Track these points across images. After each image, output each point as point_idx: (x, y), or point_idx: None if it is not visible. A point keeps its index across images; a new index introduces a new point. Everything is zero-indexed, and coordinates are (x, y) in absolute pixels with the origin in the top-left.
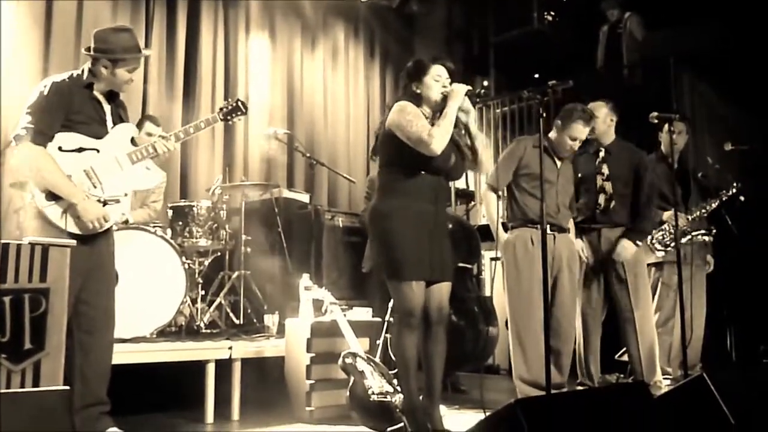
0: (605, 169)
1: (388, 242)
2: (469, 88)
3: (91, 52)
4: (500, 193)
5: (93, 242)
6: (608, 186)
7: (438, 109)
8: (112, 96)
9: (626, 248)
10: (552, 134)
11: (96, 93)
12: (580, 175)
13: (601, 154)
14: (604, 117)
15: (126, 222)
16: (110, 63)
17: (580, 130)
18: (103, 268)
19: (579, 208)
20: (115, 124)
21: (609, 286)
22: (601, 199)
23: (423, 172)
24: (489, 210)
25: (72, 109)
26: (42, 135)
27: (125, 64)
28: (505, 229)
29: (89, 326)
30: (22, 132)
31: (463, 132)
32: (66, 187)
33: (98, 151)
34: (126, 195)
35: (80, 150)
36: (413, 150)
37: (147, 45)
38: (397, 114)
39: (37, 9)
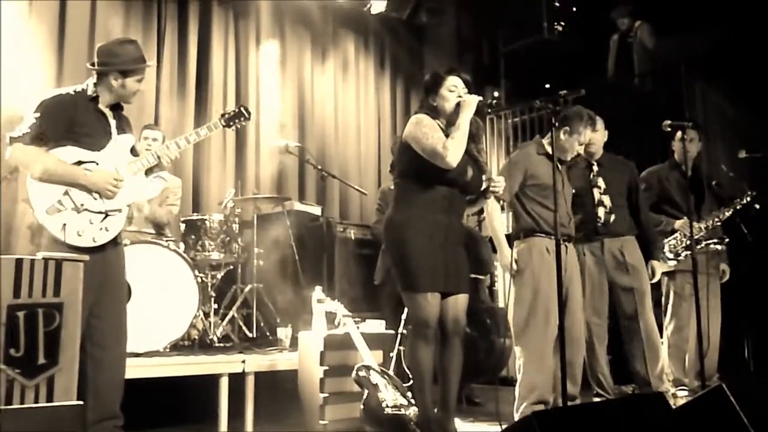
0: (601, 183)
1: (402, 253)
2: (481, 98)
3: (99, 66)
4: (504, 204)
5: (103, 255)
6: (606, 199)
7: (452, 120)
8: (115, 109)
9: (657, 267)
10: (558, 139)
11: (101, 106)
12: (573, 190)
13: (594, 168)
14: (603, 131)
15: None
16: (120, 75)
17: (589, 135)
18: (114, 281)
19: (577, 223)
20: (118, 134)
21: (614, 295)
22: (601, 212)
23: (438, 184)
24: (493, 223)
25: (75, 122)
26: (37, 140)
27: (134, 74)
28: (509, 242)
29: (101, 340)
30: (17, 134)
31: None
32: (64, 170)
33: (97, 163)
34: (128, 206)
35: (79, 163)
36: (428, 162)
37: (159, 57)
38: (413, 126)
39: (50, 23)
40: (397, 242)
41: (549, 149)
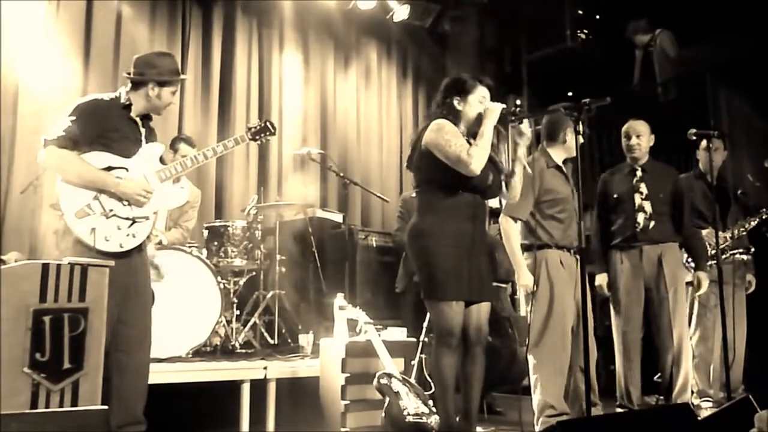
0: (643, 188)
1: (427, 261)
2: (504, 106)
3: (136, 76)
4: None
5: (129, 261)
6: (647, 205)
7: (472, 127)
8: (145, 120)
9: (703, 279)
10: (556, 148)
11: (133, 114)
12: (616, 195)
13: (638, 173)
14: (648, 135)
15: (160, 243)
16: (158, 85)
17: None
18: (140, 287)
19: (616, 228)
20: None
21: (650, 305)
22: (641, 218)
23: (461, 191)
24: (511, 243)
25: (108, 127)
26: (71, 143)
27: (170, 86)
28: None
29: (126, 346)
30: (51, 137)
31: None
32: (96, 176)
33: (127, 169)
34: (155, 213)
35: (109, 169)
36: (451, 169)
37: (183, 67)
38: (435, 133)
39: (76, 27)
40: (421, 250)
41: (558, 160)
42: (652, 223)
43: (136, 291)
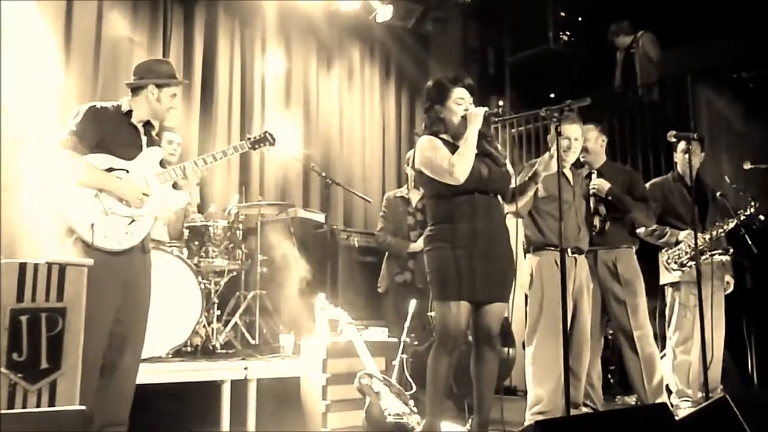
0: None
1: (434, 266)
2: (487, 109)
3: (135, 81)
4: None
5: (129, 260)
6: (602, 208)
7: (458, 132)
8: (147, 127)
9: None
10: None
11: (134, 121)
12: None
13: (593, 175)
14: (595, 138)
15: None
16: (157, 89)
17: (568, 128)
18: (139, 285)
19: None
20: None
21: (607, 307)
22: (596, 221)
23: (464, 195)
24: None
25: (109, 132)
26: (74, 143)
27: (169, 89)
28: (524, 253)
29: (120, 345)
30: (56, 139)
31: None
32: (96, 178)
33: (128, 171)
34: (153, 216)
35: (110, 170)
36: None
37: None
38: (419, 153)
39: (57, 30)
40: (430, 255)
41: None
42: (608, 225)
43: (136, 291)
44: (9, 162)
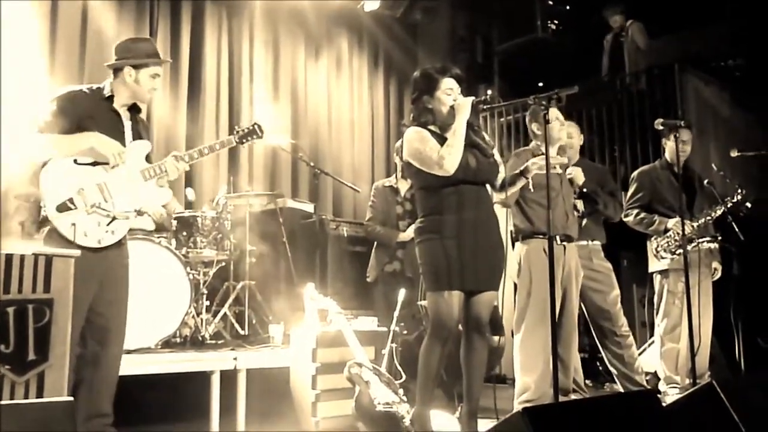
0: (575, 188)
1: (425, 258)
2: (474, 98)
3: (114, 63)
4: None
5: (105, 253)
6: (579, 204)
7: (447, 123)
8: (133, 112)
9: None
10: (535, 141)
11: (116, 106)
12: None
13: (568, 168)
14: (579, 136)
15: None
16: (134, 70)
17: (555, 114)
18: (117, 278)
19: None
20: (134, 139)
21: (583, 298)
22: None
23: (452, 186)
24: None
25: (86, 116)
26: (49, 127)
27: (148, 69)
28: (512, 242)
29: (101, 337)
30: (30, 130)
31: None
32: (74, 141)
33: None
34: (135, 212)
35: (94, 164)
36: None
37: None
38: (407, 145)
39: (42, 23)
40: (421, 246)
41: (540, 151)
42: (585, 221)
43: (112, 282)
44: None
